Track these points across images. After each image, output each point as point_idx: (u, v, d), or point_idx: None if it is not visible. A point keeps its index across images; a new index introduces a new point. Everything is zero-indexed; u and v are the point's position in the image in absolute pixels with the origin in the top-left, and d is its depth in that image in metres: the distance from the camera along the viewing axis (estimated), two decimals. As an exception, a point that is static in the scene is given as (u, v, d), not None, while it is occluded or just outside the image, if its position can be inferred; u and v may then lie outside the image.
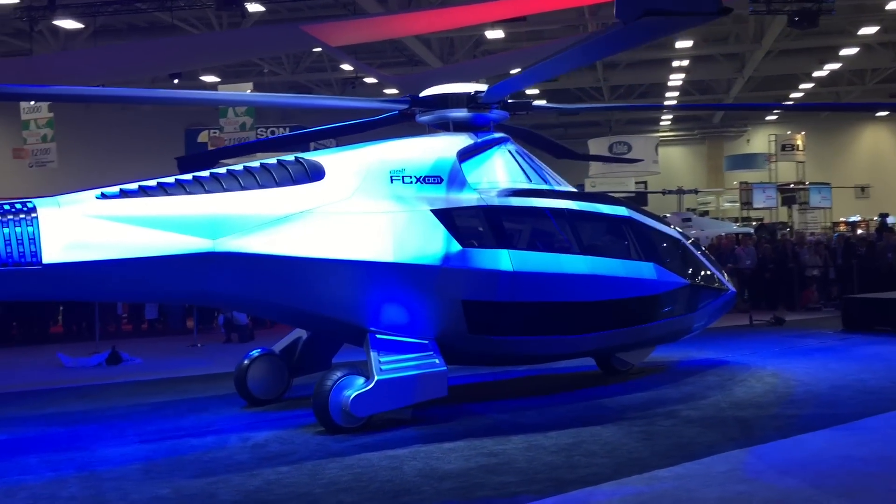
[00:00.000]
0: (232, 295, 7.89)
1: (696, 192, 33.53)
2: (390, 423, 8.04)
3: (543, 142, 11.57)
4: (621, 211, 9.83)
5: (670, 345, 12.41)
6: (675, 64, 32.06)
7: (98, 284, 7.30)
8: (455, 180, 8.70)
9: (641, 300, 9.52)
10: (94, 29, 26.20)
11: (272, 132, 26.80)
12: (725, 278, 11.18)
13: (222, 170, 7.96)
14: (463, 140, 9.10)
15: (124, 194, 7.44)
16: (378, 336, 8.10)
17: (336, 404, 7.69)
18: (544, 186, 9.50)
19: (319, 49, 26.45)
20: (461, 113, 9.33)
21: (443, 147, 8.88)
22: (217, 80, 30.32)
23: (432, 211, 8.34)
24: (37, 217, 7.01)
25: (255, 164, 8.12)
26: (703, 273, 10.62)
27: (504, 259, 8.48)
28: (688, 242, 10.61)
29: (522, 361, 9.59)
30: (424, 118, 9.52)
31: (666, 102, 37.19)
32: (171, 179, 7.70)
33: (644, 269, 9.54)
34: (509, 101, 9.65)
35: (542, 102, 10.08)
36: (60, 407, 9.72)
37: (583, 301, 9.00)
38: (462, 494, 5.77)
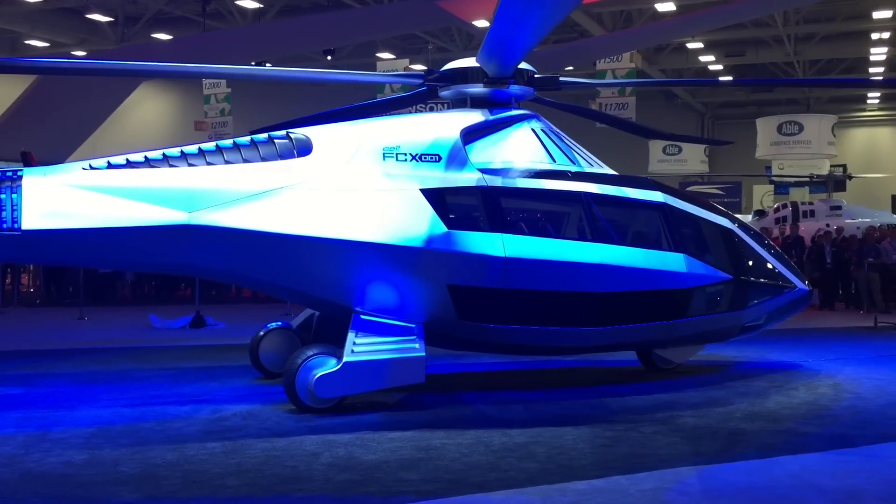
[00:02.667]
0: (210, 267, 7.96)
1: (849, 177, 30.58)
2: (367, 406, 7.87)
3: (617, 122, 10.92)
4: (654, 197, 9.05)
5: (745, 344, 11.54)
6: (875, 36, 29.31)
7: (75, 252, 7.57)
8: (455, 159, 8.32)
9: (666, 294, 8.76)
10: (279, 7, 27.44)
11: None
12: (796, 275, 10.08)
13: (210, 145, 8.01)
14: (471, 117, 8.67)
15: (110, 166, 7.65)
16: (362, 317, 7.93)
17: (303, 383, 7.59)
18: (569, 168, 8.91)
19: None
20: (477, 88, 8.90)
21: (445, 124, 8.51)
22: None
23: (422, 191, 8.02)
24: (21, 185, 7.34)
25: (245, 139, 8.13)
26: (758, 268, 9.63)
27: (496, 243, 8.04)
28: (744, 234, 9.62)
29: (523, 351, 9.08)
30: (444, 94, 9.18)
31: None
32: (158, 153, 7.84)
33: (671, 261, 8.75)
34: (536, 76, 9.13)
35: (572, 79, 9.37)
36: (102, 365, 10.27)
37: (591, 292, 8.39)
38: (343, 489, 5.51)
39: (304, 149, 8.06)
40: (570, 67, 30.77)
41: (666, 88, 39.27)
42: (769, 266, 9.72)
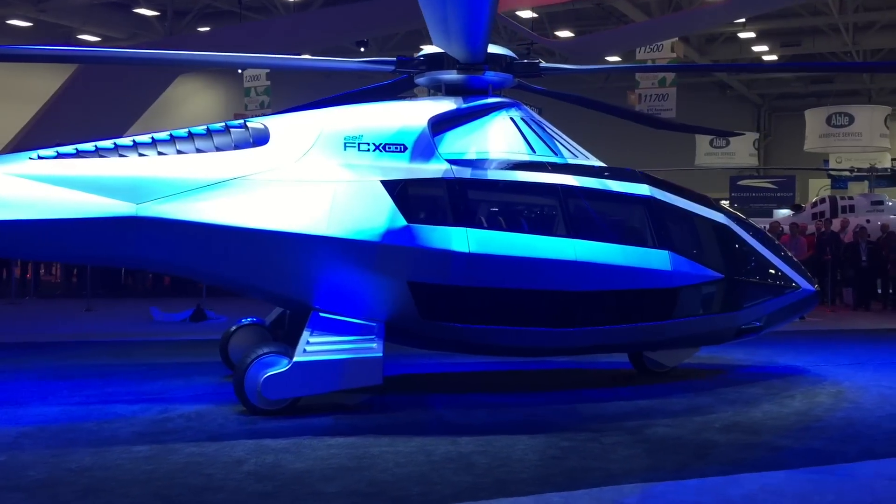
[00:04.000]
0: (159, 260, 7.66)
1: (890, 171, 29.14)
2: (323, 408, 7.51)
3: (618, 111, 10.38)
4: (640, 190, 8.49)
5: (754, 347, 10.95)
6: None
7: (16, 243, 7.33)
8: (421, 150, 7.88)
9: (649, 294, 8.20)
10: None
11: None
12: (800, 274, 9.42)
13: (164, 134, 7.71)
14: (441, 105, 8.23)
15: (59, 155, 7.40)
16: (321, 315, 7.57)
17: (252, 384, 7.25)
18: (550, 160, 8.41)
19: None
20: (451, 75, 8.46)
21: (411, 113, 8.07)
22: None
23: (383, 182, 7.61)
24: None
25: (201, 128, 7.81)
26: (755, 266, 9.01)
27: (459, 238, 7.59)
28: (740, 230, 9.01)
29: (492, 352, 8.60)
30: (420, 81, 8.76)
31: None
32: (109, 143, 7.57)
33: (655, 258, 8.19)
34: (515, 62, 8.65)
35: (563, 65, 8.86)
36: (78, 360, 10.09)
37: (564, 291, 7.89)
38: (249, 502, 5.15)
39: (261, 138, 7.71)
40: (618, 58, 30.03)
41: (717, 79, 38.11)
42: (768, 265, 9.09)
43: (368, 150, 7.77)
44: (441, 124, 8.14)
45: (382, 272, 7.50)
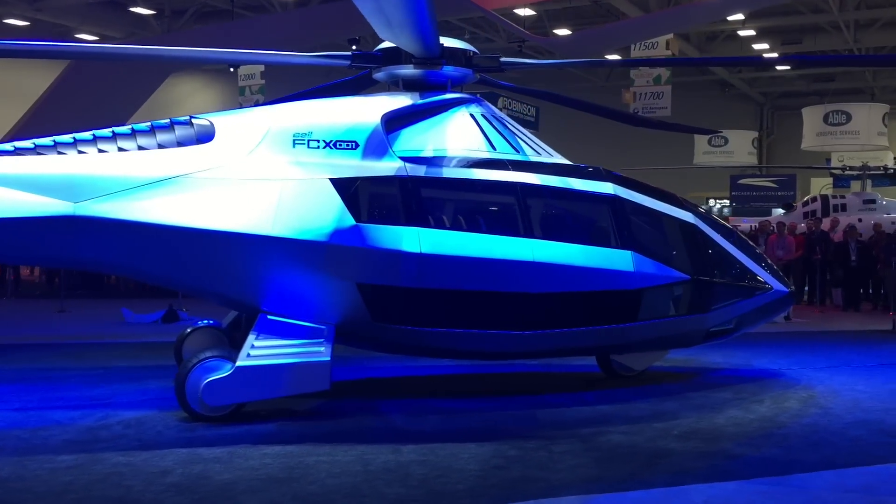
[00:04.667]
0: (100, 261, 7.40)
1: (883, 169, 28.71)
2: (270, 414, 7.26)
3: (594, 109, 10.12)
4: (603, 188, 8.21)
5: (732, 348, 10.70)
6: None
7: None
8: (373, 146, 7.61)
9: (611, 295, 7.93)
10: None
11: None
12: (773, 275, 9.14)
13: (107, 131, 7.46)
14: (396, 101, 7.97)
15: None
16: (268, 317, 7.32)
17: (193, 389, 7.00)
18: (511, 157, 8.15)
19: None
20: (408, 70, 8.20)
21: (364, 109, 7.81)
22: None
23: (332, 180, 7.35)
24: None
25: (145, 124, 7.56)
26: (724, 267, 8.73)
27: (410, 238, 7.32)
28: (709, 230, 8.72)
29: (449, 356, 8.33)
30: (378, 76, 8.50)
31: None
32: (49, 140, 7.32)
33: (617, 259, 7.92)
34: (474, 57, 8.38)
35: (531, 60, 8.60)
36: (32, 363, 9.85)
37: (521, 293, 7.62)
38: (160, 515, 4.91)
39: (206, 135, 7.46)
40: (616, 56, 29.68)
41: (718, 78, 37.66)
42: (738, 265, 8.81)
43: (318, 147, 7.52)
44: (396, 121, 7.88)
45: (330, 273, 7.24)
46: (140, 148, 7.31)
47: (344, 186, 7.34)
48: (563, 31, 30.30)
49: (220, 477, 5.60)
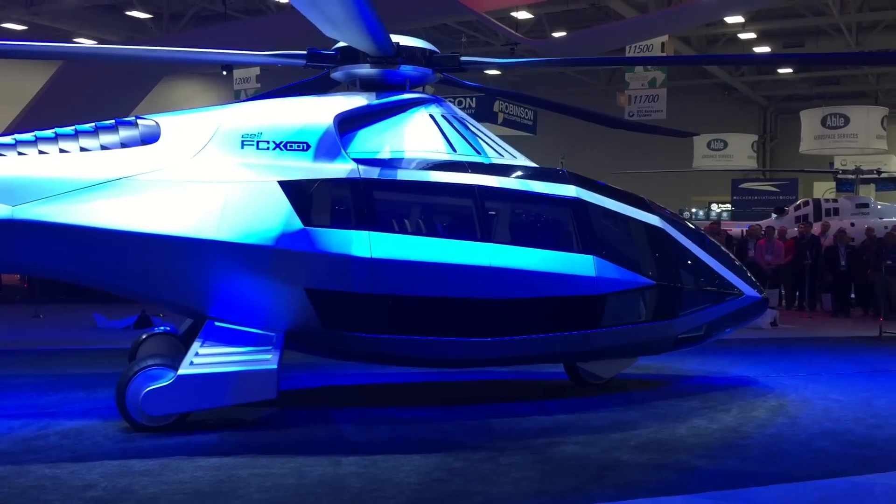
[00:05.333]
0: (40, 266, 7.20)
1: (878, 172, 28.34)
2: (218, 423, 7.02)
3: (566, 109, 9.91)
4: (565, 191, 7.97)
5: (708, 355, 10.46)
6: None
7: None
8: (325, 148, 7.38)
9: (571, 301, 7.68)
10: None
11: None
12: (745, 281, 8.88)
13: (49, 132, 7.25)
14: (351, 101, 7.74)
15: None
16: (216, 324, 7.10)
17: (133, 398, 6.77)
18: (472, 159, 7.91)
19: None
20: (364, 69, 7.98)
21: (317, 109, 7.59)
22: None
23: (280, 183, 7.13)
24: None
25: (89, 125, 7.35)
26: (693, 272, 8.49)
27: (361, 243, 7.10)
28: (678, 234, 8.46)
29: (402, 364, 8.07)
30: (335, 76, 8.28)
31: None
32: (-11, 140, 7.12)
33: (577, 264, 7.67)
34: (434, 56, 8.16)
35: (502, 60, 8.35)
36: (5, 371, 9.64)
37: (477, 298, 7.38)
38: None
39: (151, 137, 7.24)
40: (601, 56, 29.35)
41: (720, 81, 37.30)
42: (707, 270, 8.56)
43: (268, 148, 7.30)
44: (350, 121, 7.65)
45: (278, 279, 7.02)
46: (82, 149, 7.10)
47: (292, 189, 7.12)
48: (561, 34, 30.07)
49: (145, 491, 5.38)
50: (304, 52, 7.99)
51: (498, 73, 34.69)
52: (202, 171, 7.11)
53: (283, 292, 7.05)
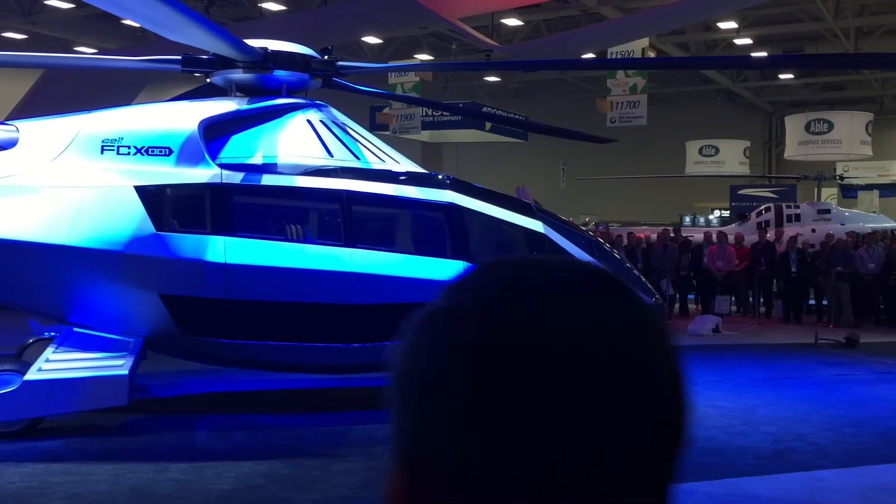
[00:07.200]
0: None
1: (839, 177, 27.92)
2: (73, 430, 7.00)
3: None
4: (440, 197, 7.91)
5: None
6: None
7: None
8: (187, 153, 7.37)
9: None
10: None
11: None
12: (637, 287, 8.79)
13: None
14: (219, 106, 7.73)
15: None
16: (74, 329, 7.10)
17: (-18, 403, 6.77)
18: (348, 164, 7.87)
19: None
20: (237, 74, 7.97)
21: (182, 114, 7.58)
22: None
23: (137, 188, 7.12)
24: None
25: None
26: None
27: (215, 248, 7.07)
28: (559, 239, 8.38)
29: (270, 369, 8.02)
30: (214, 80, 8.27)
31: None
32: None
33: (448, 269, 7.60)
34: (312, 61, 8.14)
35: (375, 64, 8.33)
36: None
37: (340, 304, 7.34)
38: None
39: (8, 142, 7.25)
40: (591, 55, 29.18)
41: (722, 87, 36.96)
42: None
43: (129, 153, 7.28)
44: (217, 126, 7.63)
45: (132, 284, 7.01)
46: (-62, 155, 7.12)
47: (149, 194, 7.10)
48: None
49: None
50: (179, 57, 7.98)
51: (498, 79, 34.63)
52: (58, 176, 7.10)
53: (138, 298, 7.03)
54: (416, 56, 29.70)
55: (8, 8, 26.68)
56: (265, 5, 26.57)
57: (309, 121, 8.02)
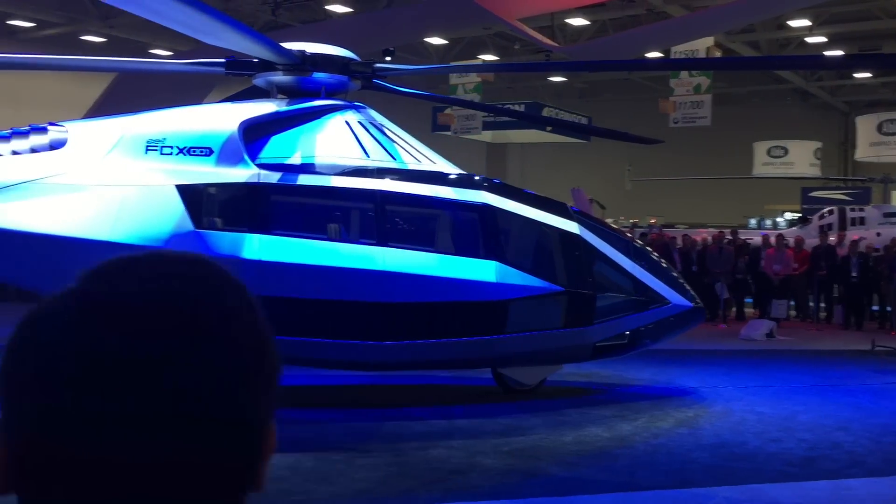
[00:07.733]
0: None
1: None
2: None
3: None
4: (475, 198, 7.99)
5: (664, 364, 10.31)
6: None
7: None
8: (228, 153, 7.60)
9: (470, 306, 7.71)
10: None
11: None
12: (675, 289, 8.73)
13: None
14: (259, 108, 7.96)
15: None
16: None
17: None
18: (385, 164, 8.02)
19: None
20: (277, 76, 8.19)
21: (223, 116, 7.82)
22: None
23: (178, 187, 7.38)
24: None
25: (6, 131, 7.74)
26: (612, 280, 8.39)
27: (251, 245, 7.28)
28: (596, 241, 8.37)
29: (312, 365, 8.12)
30: (257, 82, 8.50)
31: None
32: None
33: (478, 269, 7.69)
34: (351, 63, 8.30)
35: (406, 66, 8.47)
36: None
37: (371, 302, 7.48)
38: None
39: (58, 142, 7.59)
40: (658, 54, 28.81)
41: (795, 86, 36.10)
42: (629, 278, 8.45)
43: (171, 154, 7.56)
44: (256, 128, 7.85)
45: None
46: (-9, 154, 7.49)
47: (189, 193, 7.35)
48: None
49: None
50: (223, 61, 8.24)
51: (563, 79, 34.43)
52: (104, 175, 7.40)
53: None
54: (480, 56, 29.81)
55: (86, 12, 27.61)
56: (331, 7, 26.93)
57: (346, 122, 8.18)
